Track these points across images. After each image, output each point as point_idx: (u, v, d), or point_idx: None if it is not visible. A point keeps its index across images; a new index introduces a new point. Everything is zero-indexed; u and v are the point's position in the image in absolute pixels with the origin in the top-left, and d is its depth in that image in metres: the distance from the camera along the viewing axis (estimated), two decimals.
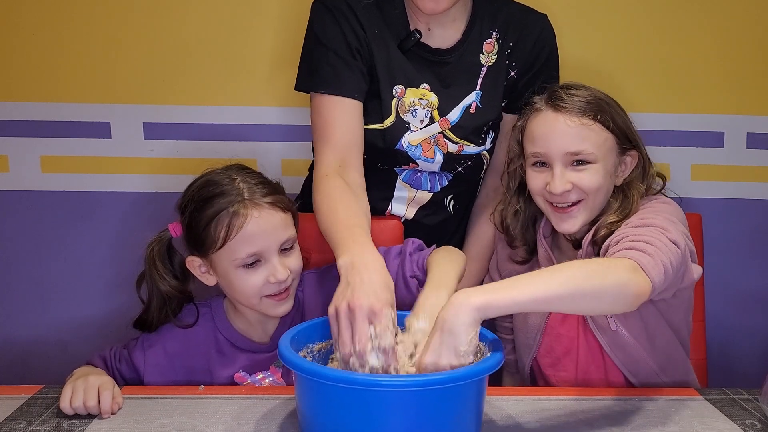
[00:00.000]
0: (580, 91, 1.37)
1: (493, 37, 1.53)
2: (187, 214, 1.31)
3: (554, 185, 1.34)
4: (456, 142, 1.53)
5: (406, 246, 1.39)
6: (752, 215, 1.93)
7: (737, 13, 1.85)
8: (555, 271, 1.13)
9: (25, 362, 1.92)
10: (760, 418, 1.18)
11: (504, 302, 1.05)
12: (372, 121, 1.50)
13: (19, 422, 1.16)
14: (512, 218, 1.46)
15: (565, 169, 1.34)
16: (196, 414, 1.18)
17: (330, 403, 1.02)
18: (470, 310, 1.03)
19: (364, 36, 1.48)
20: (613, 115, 1.36)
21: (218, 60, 1.85)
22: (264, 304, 1.30)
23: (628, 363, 1.35)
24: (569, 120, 1.34)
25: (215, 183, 1.31)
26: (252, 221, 1.27)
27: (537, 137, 1.37)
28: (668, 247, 1.19)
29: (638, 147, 1.40)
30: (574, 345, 1.39)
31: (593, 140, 1.34)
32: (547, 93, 1.39)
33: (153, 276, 1.34)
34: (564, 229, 1.37)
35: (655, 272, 1.14)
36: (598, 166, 1.34)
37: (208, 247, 1.28)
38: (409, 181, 1.57)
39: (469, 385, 1.03)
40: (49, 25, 1.83)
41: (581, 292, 1.08)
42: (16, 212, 1.89)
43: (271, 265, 1.28)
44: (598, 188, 1.35)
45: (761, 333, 1.96)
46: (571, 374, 1.40)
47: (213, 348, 1.36)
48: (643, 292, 1.12)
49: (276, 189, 1.34)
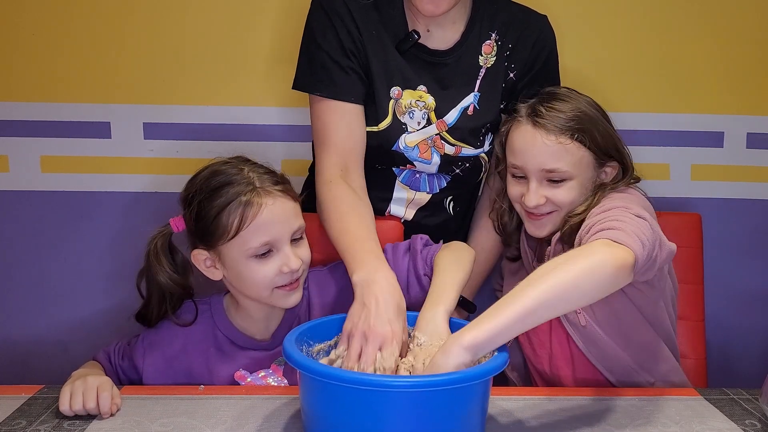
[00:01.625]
0: (562, 104, 1.37)
1: (492, 39, 1.53)
2: (194, 205, 1.29)
3: (528, 198, 1.38)
4: (453, 144, 1.53)
5: (415, 243, 1.40)
6: (752, 215, 1.93)
7: (737, 13, 1.85)
8: (530, 282, 1.10)
9: (25, 362, 1.92)
10: (760, 418, 1.18)
11: (491, 332, 1.05)
12: (368, 122, 1.49)
13: (19, 422, 1.16)
14: (507, 216, 1.50)
15: (540, 184, 1.38)
16: (196, 414, 1.18)
17: (337, 404, 1.02)
18: (459, 351, 1.04)
19: (359, 37, 1.47)
20: (593, 132, 1.37)
21: (218, 60, 1.85)
22: (275, 295, 1.30)
23: (602, 359, 1.36)
24: (546, 138, 1.36)
25: (223, 173, 1.30)
26: (266, 209, 1.26)
27: (515, 150, 1.40)
28: (635, 221, 1.20)
29: (620, 158, 1.40)
30: (547, 338, 1.40)
31: (569, 159, 1.36)
32: (529, 104, 1.40)
33: (154, 269, 1.32)
34: (534, 233, 1.42)
35: (631, 240, 1.14)
36: (573, 182, 1.37)
37: (218, 237, 1.27)
38: (408, 183, 1.57)
39: (475, 386, 1.03)
40: (49, 25, 1.83)
41: (563, 289, 1.08)
42: (16, 212, 1.89)
43: (283, 254, 1.28)
44: (572, 202, 1.38)
45: (761, 333, 1.96)
46: (546, 365, 1.41)
47: (212, 346, 1.35)
48: (624, 263, 1.11)
49: (283, 179, 1.34)
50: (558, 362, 1.39)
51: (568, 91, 1.42)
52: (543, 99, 1.39)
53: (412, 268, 1.37)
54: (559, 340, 1.39)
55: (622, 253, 1.12)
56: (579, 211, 1.34)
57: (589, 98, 1.42)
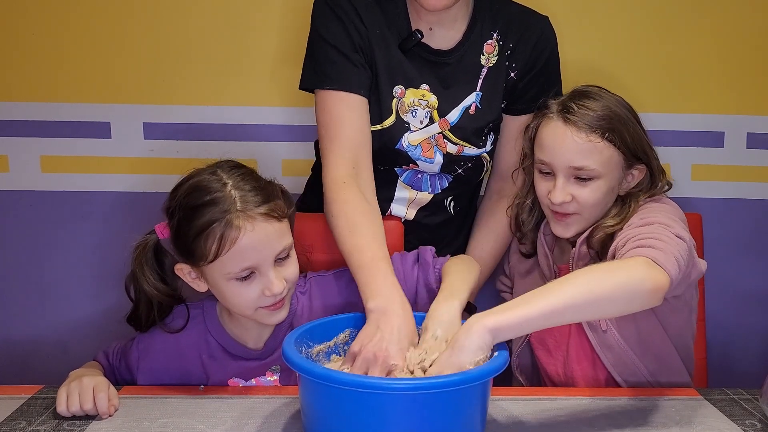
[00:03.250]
0: (593, 102, 1.36)
1: (493, 38, 1.53)
2: (174, 221, 1.24)
3: (554, 195, 1.37)
4: (455, 143, 1.53)
5: (426, 255, 1.39)
6: (752, 215, 1.93)
7: (737, 13, 1.85)
8: (565, 282, 1.12)
9: (25, 362, 1.92)
10: (760, 418, 1.18)
11: (518, 320, 1.06)
12: (373, 121, 1.49)
13: (19, 422, 1.16)
14: (527, 214, 1.49)
15: (568, 181, 1.37)
16: (196, 414, 1.18)
17: (337, 406, 1.02)
18: (483, 332, 1.05)
19: (366, 33, 1.47)
20: (623, 132, 1.36)
21: (218, 60, 1.85)
22: (258, 313, 1.25)
23: (617, 364, 1.36)
24: (576, 135, 1.34)
25: (204, 189, 1.22)
26: (246, 235, 1.18)
27: (545, 146, 1.38)
28: (675, 241, 1.20)
29: (648, 161, 1.40)
30: (565, 340, 1.39)
31: (598, 157, 1.35)
32: (560, 101, 1.39)
33: (139, 278, 1.28)
34: (558, 233, 1.41)
35: (669, 264, 1.15)
36: (600, 182, 1.36)
37: (198, 258, 1.21)
38: (410, 183, 1.57)
39: (475, 387, 1.03)
40: (49, 25, 1.83)
41: (596, 297, 1.09)
42: (15, 212, 1.89)
43: (266, 278, 1.22)
44: (596, 203, 1.37)
45: (761, 333, 1.96)
46: (560, 367, 1.40)
47: (205, 353, 1.32)
48: (660, 286, 1.12)
49: (270, 195, 1.25)
50: (573, 364, 1.39)
51: (600, 89, 1.41)
52: (574, 96, 1.38)
53: (423, 280, 1.35)
54: (577, 342, 1.38)
55: (659, 276, 1.13)
56: (612, 224, 1.34)
57: (620, 98, 1.40)
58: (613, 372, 1.36)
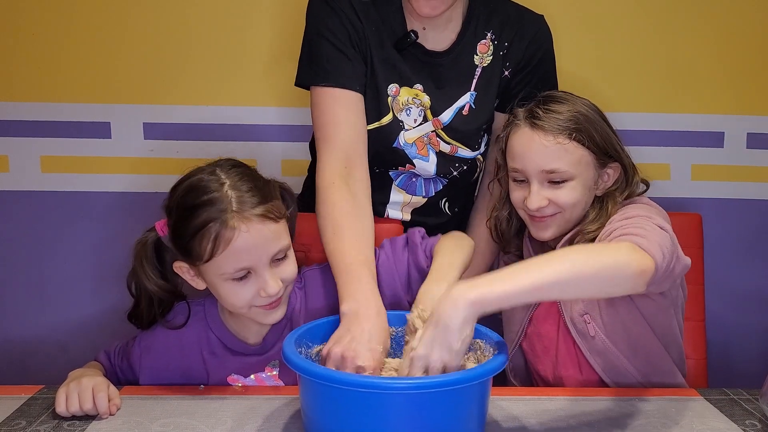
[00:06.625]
0: (559, 106, 1.37)
1: (488, 38, 1.53)
2: (172, 220, 1.25)
3: (530, 201, 1.37)
4: (448, 143, 1.53)
5: (414, 236, 1.38)
6: (752, 215, 1.93)
7: (737, 13, 1.85)
8: (551, 258, 1.12)
9: (24, 362, 1.92)
10: (760, 418, 1.18)
11: (501, 294, 1.04)
12: (370, 119, 1.49)
13: (19, 422, 1.16)
14: (506, 224, 1.49)
15: (542, 186, 1.37)
16: (196, 414, 1.18)
17: (337, 406, 1.02)
18: (466, 305, 1.03)
19: (362, 29, 1.47)
20: (591, 131, 1.36)
21: (218, 60, 1.85)
22: (254, 312, 1.25)
23: (608, 369, 1.35)
24: (544, 139, 1.35)
25: (202, 189, 1.22)
26: (240, 237, 1.18)
27: (515, 154, 1.39)
28: (657, 231, 1.21)
29: (620, 158, 1.40)
30: (554, 345, 1.40)
31: (568, 159, 1.35)
32: (526, 108, 1.40)
33: (140, 275, 1.29)
34: (539, 236, 1.41)
35: (654, 250, 1.15)
36: (574, 183, 1.36)
37: (195, 258, 1.21)
38: (404, 187, 1.57)
39: (474, 387, 1.03)
40: (49, 25, 1.83)
41: (581, 275, 1.08)
42: (16, 212, 1.89)
43: (261, 279, 1.21)
44: (575, 203, 1.37)
45: (761, 333, 1.96)
46: (549, 372, 1.40)
47: (205, 349, 1.32)
48: (646, 269, 1.12)
49: (267, 195, 1.24)
50: (562, 370, 1.39)
51: (566, 94, 1.42)
52: (540, 102, 1.40)
53: (413, 262, 1.35)
54: (566, 348, 1.38)
55: (645, 260, 1.13)
56: (593, 228, 1.34)
57: (586, 100, 1.42)
58: (604, 376, 1.36)
